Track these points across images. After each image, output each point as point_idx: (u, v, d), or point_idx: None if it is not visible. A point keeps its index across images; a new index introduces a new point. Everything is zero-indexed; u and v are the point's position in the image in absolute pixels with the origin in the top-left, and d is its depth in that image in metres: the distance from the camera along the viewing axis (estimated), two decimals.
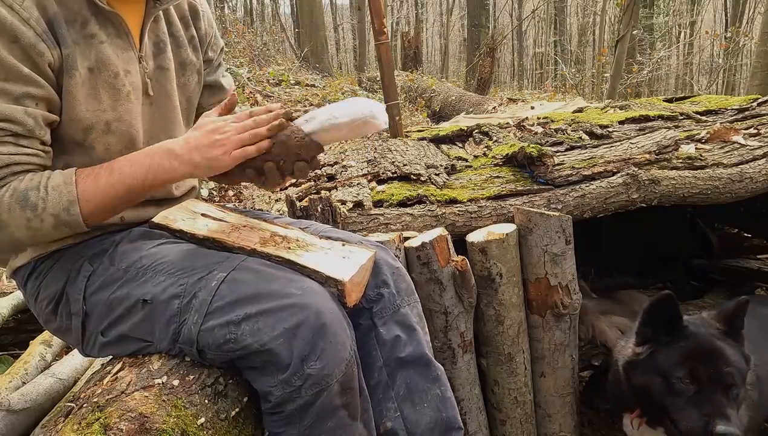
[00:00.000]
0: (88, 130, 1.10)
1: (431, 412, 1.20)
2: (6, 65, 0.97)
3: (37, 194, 1.00)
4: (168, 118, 1.26)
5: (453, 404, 1.24)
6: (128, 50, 1.14)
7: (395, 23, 19.95)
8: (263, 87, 6.80)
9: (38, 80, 1.01)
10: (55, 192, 1.01)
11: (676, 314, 1.34)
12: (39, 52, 1.00)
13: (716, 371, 1.25)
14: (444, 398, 1.22)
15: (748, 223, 2.78)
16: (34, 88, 1.01)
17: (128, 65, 1.14)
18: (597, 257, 2.51)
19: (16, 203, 0.99)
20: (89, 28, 1.08)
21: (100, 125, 1.11)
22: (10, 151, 0.99)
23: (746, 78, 10.67)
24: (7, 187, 0.99)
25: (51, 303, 1.16)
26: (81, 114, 1.08)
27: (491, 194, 1.80)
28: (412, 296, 1.29)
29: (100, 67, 1.09)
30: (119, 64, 1.12)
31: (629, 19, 8.27)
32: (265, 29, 13.50)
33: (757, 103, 2.43)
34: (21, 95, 0.99)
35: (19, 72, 0.98)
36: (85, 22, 1.07)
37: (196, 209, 1.28)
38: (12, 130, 0.99)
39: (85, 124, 1.09)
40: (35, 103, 1.01)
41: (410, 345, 1.21)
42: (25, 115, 0.99)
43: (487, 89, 9.62)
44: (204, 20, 1.35)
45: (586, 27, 19.02)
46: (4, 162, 0.99)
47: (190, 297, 1.03)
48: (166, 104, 1.25)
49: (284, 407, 1.00)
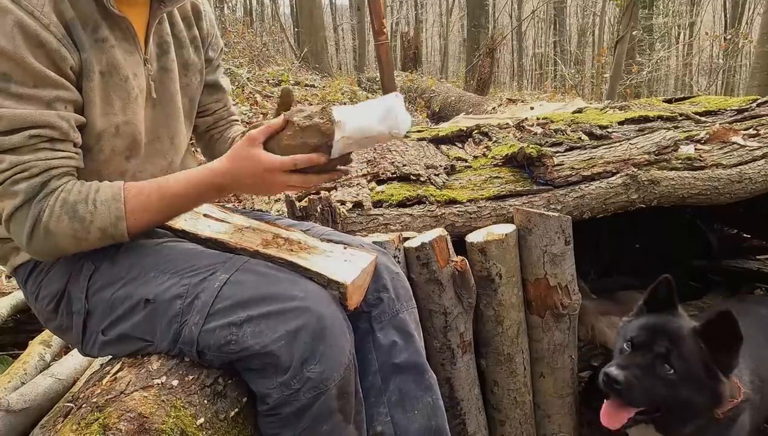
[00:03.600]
0: (101, 136, 1.10)
1: (421, 419, 1.20)
2: (34, 71, 0.97)
3: (86, 208, 1.01)
4: (171, 118, 1.26)
5: (443, 413, 1.25)
6: (134, 53, 1.14)
7: (395, 24, 19.98)
8: (263, 87, 6.80)
9: (66, 84, 1.01)
10: (104, 207, 1.02)
11: (670, 297, 1.43)
12: (62, 56, 1.00)
13: (652, 342, 1.36)
14: (435, 407, 1.23)
15: (748, 223, 2.78)
16: (64, 92, 1.01)
17: (135, 68, 1.14)
18: (597, 258, 2.51)
19: (65, 214, 1.00)
20: (100, 32, 1.08)
21: (111, 129, 1.11)
22: (48, 156, 1.00)
23: (745, 79, 10.68)
24: (57, 198, 1.00)
25: (52, 301, 1.16)
26: (96, 119, 1.08)
27: (491, 195, 1.80)
28: (410, 302, 1.29)
29: (111, 72, 1.09)
30: (127, 67, 1.12)
31: (629, 19, 8.28)
32: (264, 29, 13.50)
33: (757, 104, 2.43)
34: (52, 99, 0.99)
35: (48, 77, 0.98)
36: (97, 26, 1.07)
37: (198, 209, 1.28)
38: (48, 136, 0.99)
39: (99, 129, 1.09)
40: (65, 106, 1.02)
41: (406, 351, 1.22)
42: (59, 119, 1.00)
43: (487, 90, 9.63)
44: (206, 20, 1.35)
45: (585, 28, 19.04)
46: (42, 168, 0.99)
47: (192, 298, 1.03)
48: (169, 105, 1.25)
49: (281, 410, 1.00)
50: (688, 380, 1.32)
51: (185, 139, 1.33)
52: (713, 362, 1.33)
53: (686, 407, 1.35)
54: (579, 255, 1.71)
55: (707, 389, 1.34)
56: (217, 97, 1.46)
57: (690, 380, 1.32)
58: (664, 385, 1.33)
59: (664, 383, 1.33)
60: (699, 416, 1.40)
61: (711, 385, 1.33)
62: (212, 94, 1.44)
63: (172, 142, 1.27)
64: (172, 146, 1.27)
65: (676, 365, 1.32)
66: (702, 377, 1.33)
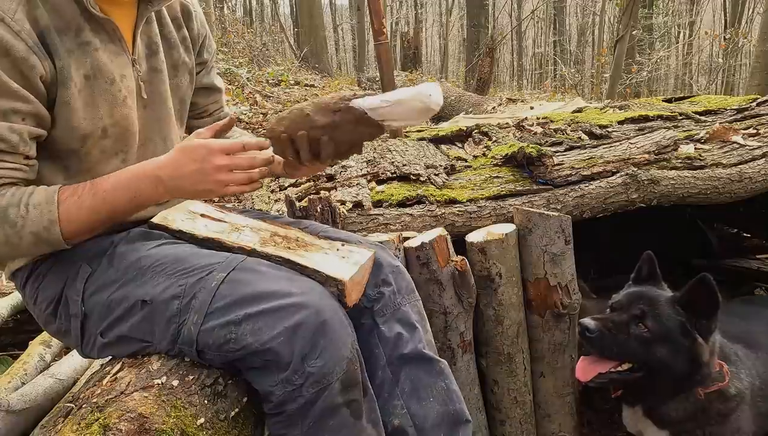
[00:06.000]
0: (86, 138, 1.10)
1: (438, 406, 1.20)
2: None
3: (17, 212, 0.99)
4: (162, 119, 1.26)
5: (459, 396, 1.24)
6: (122, 55, 1.14)
7: (394, 23, 19.97)
8: (262, 87, 6.80)
9: (26, 96, 0.99)
10: (36, 210, 1.00)
11: (653, 272, 1.55)
12: (30, 65, 0.99)
13: (629, 305, 1.45)
14: (449, 391, 1.22)
15: (748, 223, 2.78)
16: (21, 104, 0.99)
17: (123, 70, 1.14)
18: (597, 257, 2.51)
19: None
20: (83, 35, 1.07)
21: (97, 132, 1.11)
22: None
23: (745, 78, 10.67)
24: None
25: (50, 305, 1.16)
26: (79, 123, 1.07)
27: (491, 194, 1.80)
28: (413, 295, 1.29)
29: (96, 75, 1.08)
30: (114, 69, 1.11)
31: (628, 19, 8.28)
32: (264, 29, 13.50)
33: (756, 103, 2.43)
34: (8, 111, 0.98)
35: (7, 87, 0.97)
36: (80, 29, 1.06)
37: (195, 210, 1.28)
38: None
39: (83, 133, 1.09)
40: (21, 118, 1.00)
41: (412, 342, 1.21)
42: (9, 131, 0.99)
43: (487, 89, 9.61)
44: (196, 21, 1.34)
45: (585, 27, 19.03)
46: None
47: (189, 298, 1.03)
48: (160, 106, 1.25)
49: (285, 407, 0.99)
50: (663, 340, 1.39)
51: (177, 140, 1.33)
52: (692, 326, 1.39)
53: (663, 368, 1.40)
54: (579, 255, 1.71)
55: (683, 350, 1.39)
56: (215, 99, 1.46)
57: (664, 340, 1.39)
58: (637, 342, 1.40)
59: (638, 340, 1.40)
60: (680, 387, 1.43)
61: (687, 345, 1.39)
62: (209, 95, 1.44)
63: (165, 143, 1.27)
64: (165, 147, 1.27)
65: (650, 325, 1.40)
66: (678, 338, 1.39)
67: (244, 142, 1.06)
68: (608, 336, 1.40)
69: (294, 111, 1.14)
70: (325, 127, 1.10)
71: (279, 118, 1.15)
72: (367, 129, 1.11)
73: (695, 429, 1.47)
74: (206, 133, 1.08)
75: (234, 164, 1.04)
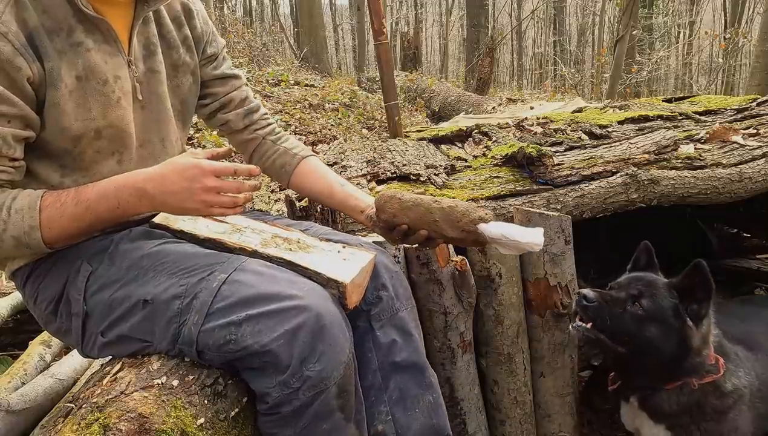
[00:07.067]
0: (78, 139, 1.10)
1: (422, 418, 1.20)
2: None
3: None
4: (160, 120, 1.25)
5: (444, 411, 1.25)
6: (117, 55, 1.13)
7: (394, 23, 19.97)
8: (263, 87, 6.79)
9: (11, 98, 0.99)
10: (18, 215, 1.01)
11: (651, 260, 1.61)
12: (16, 67, 0.99)
13: (628, 286, 1.50)
14: (436, 405, 1.23)
15: (748, 223, 2.78)
16: (6, 107, 0.99)
17: (117, 71, 1.13)
18: (597, 257, 2.51)
19: None
20: (75, 36, 1.06)
21: (90, 133, 1.10)
22: None
23: (745, 78, 10.66)
24: None
25: (51, 304, 1.16)
26: (70, 124, 1.07)
27: (491, 194, 1.80)
28: (410, 301, 1.29)
29: (88, 76, 1.08)
30: (108, 70, 1.11)
31: (628, 19, 8.28)
32: (264, 29, 13.50)
33: (756, 103, 2.43)
34: None
35: None
36: (71, 30, 1.06)
37: None
38: None
39: (75, 134, 1.08)
40: (7, 120, 1.00)
41: (406, 350, 1.22)
42: None
43: (487, 89, 9.61)
44: (199, 19, 1.32)
45: (585, 27, 19.03)
46: None
47: (191, 298, 1.03)
48: (158, 107, 1.24)
49: (281, 409, 1.00)
50: (656, 320, 1.43)
51: (178, 142, 1.32)
52: (684, 309, 1.44)
53: (653, 348, 1.44)
54: (579, 255, 1.71)
55: (674, 334, 1.43)
56: (234, 85, 1.41)
57: (657, 321, 1.43)
58: (631, 319, 1.44)
59: (632, 317, 1.44)
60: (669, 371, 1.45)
61: (677, 328, 1.43)
62: (226, 83, 1.40)
63: (163, 144, 1.26)
64: (164, 149, 1.26)
65: (645, 304, 1.44)
66: (669, 320, 1.43)
67: (235, 167, 1.07)
68: (605, 308, 1.44)
69: (421, 208, 1.20)
70: (449, 238, 1.20)
71: (403, 207, 1.20)
72: (476, 245, 1.23)
73: (690, 424, 1.48)
74: (202, 155, 1.08)
75: (223, 187, 1.04)
